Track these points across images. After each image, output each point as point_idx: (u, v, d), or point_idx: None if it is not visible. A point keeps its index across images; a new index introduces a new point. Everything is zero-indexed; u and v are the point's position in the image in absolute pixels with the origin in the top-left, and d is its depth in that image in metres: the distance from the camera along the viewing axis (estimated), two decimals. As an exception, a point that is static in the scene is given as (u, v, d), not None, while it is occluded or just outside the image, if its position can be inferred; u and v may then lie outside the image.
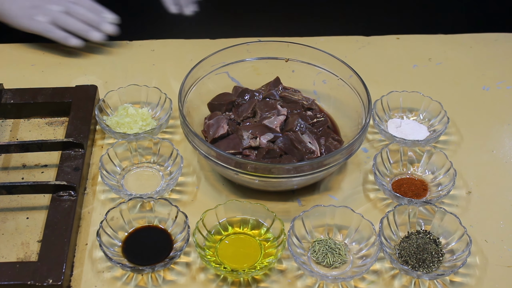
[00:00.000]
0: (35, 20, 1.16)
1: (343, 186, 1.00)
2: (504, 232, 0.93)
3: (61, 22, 1.16)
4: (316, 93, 1.11)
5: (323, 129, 1.01)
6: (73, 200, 0.91)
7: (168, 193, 0.97)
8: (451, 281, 0.87)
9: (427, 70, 1.22)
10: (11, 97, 1.07)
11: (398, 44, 1.27)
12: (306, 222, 0.90)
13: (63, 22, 1.16)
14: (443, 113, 1.07)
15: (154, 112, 1.09)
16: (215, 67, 1.07)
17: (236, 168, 0.90)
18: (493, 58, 1.25)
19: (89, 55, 1.22)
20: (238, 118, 1.03)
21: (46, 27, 1.16)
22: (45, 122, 1.09)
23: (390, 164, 1.00)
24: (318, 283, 0.86)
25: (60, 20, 1.16)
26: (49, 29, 1.16)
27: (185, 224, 0.88)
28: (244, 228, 0.92)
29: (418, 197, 0.96)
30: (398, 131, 1.07)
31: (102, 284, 0.86)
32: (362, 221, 0.90)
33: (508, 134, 1.09)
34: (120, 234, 0.90)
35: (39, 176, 0.99)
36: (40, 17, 1.16)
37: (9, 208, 0.94)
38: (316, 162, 0.89)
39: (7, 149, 0.98)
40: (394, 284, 0.87)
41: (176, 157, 0.98)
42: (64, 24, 1.17)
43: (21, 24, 1.17)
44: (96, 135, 1.06)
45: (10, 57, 1.22)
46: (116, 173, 0.98)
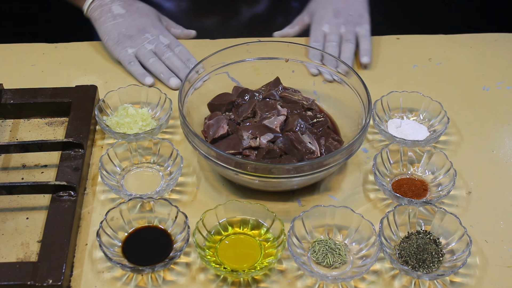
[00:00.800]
0: (124, 50, 1.16)
1: (343, 186, 1.00)
2: (504, 232, 0.93)
3: (147, 63, 1.16)
4: (316, 93, 1.11)
5: (323, 129, 1.01)
6: (73, 200, 0.91)
7: (168, 193, 0.97)
8: (451, 281, 0.87)
9: (427, 70, 1.22)
10: (11, 97, 1.07)
11: (398, 44, 1.27)
12: (306, 222, 0.90)
13: (149, 64, 1.15)
14: (443, 113, 1.07)
15: (154, 112, 1.09)
16: (215, 67, 1.07)
17: (236, 168, 0.90)
18: (493, 58, 1.25)
19: (89, 55, 1.22)
20: (238, 118, 1.03)
21: (131, 59, 1.16)
22: (45, 122, 1.09)
23: (390, 164, 1.00)
24: (318, 283, 0.86)
25: (147, 61, 1.15)
26: (132, 62, 1.16)
27: (185, 224, 0.88)
28: (244, 229, 0.92)
29: (418, 197, 0.96)
30: (398, 131, 1.07)
31: (102, 284, 0.86)
32: (362, 221, 0.90)
33: (508, 134, 1.09)
34: (120, 234, 0.89)
35: (39, 176, 0.99)
36: (129, 50, 1.16)
37: (9, 208, 0.94)
38: (316, 162, 0.89)
39: (7, 149, 0.98)
40: (394, 284, 0.86)
41: (176, 157, 0.98)
42: (150, 66, 1.16)
43: (110, 47, 1.17)
44: (96, 135, 1.06)
45: (10, 57, 1.22)
46: (116, 173, 0.98)
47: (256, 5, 1.35)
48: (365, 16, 1.23)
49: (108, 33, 1.17)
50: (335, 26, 1.21)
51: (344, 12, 1.22)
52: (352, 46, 1.19)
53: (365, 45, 1.20)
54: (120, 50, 1.16)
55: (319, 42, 1.20)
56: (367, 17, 1.23)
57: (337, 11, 1.22)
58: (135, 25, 1.17)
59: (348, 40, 1.20)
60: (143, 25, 1.18)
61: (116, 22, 1.16)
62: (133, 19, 1.18)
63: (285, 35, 1.27)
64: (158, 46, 1.16)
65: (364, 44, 1.20)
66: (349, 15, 1.21)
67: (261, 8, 1.36)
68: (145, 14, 1.19)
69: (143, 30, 1.17)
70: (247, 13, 1.36)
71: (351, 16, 1.21)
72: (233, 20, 1.36)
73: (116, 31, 1.17)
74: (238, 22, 1.36)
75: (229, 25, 1.36)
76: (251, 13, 1.36)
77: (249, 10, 1.35)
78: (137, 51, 1.16)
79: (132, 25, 1.17)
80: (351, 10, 1.22)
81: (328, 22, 1.22)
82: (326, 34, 1.21)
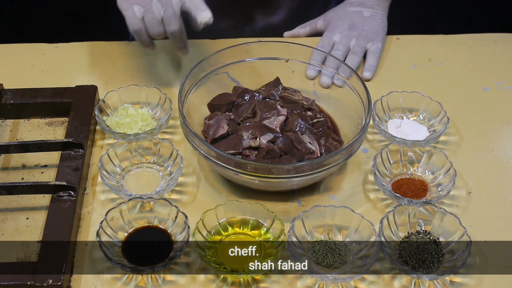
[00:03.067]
0: (132, 8, 1.01)
1: (343, 187, 1.00)
2: (504, 232, 0.93)
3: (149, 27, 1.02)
4: (316, 93, 1.11)
5: (323, 129, 1.01)
6: (73, 200, 0.91)
7: (168, 193, 0.97)
8: (451, 281, 0.87)
9: (427, 70, 1.22)
10: (11, 97, 1.07)
11: (398, 44, 1.27)
12: (306, 223, 0.90)
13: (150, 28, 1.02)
14: (443, 113, 1.07)
15: (154, 112, 1.09)
16: (215, 67, 1.07)
17: (236, 169, 0.90)
18: (493, 58, 1.25)
19: (89, 55, 1.22)
20: (238, 118, 1.03)
21: (137, 21, 1.01)
22: (45, 122, 1.09)
23: (390, 165, 1.00)
24: (318, 283, 0.86)
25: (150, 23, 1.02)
26: (138, 25, 1.02)
27: (185, 224, 0.88)
28: (244, 229, 0.92)
29: (418, 197, 0.96)
30: (398, 131, 1.07)
31: (102, 284, 0.86)
32: (362, 221, 0.90)
33: (508, 134, 1.09)
34: (120, 235, 0.89)
35: (39, 176, 0.99)
36: (136, 8, 1.01)
37: (9, 208, 0.94)
38: (316, 163, 0.89)
39: (7, 149, 0.98)
40: (394, 284, 0.87)
41: (176, 158, 0.98)
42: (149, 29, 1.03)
43: (119, 1, 1.03)
44: (96, 136, 1.06)
45: (10, 57, 1.21)
46: (116, 173, 0.98)
47: (272, 16, 1.34)
48: (380, 34, 1.22)
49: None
50: (347, 37, 1.20)
51: (360, 27, 1.21)
52: (357, 59, 1.18)
53: (371, 61, 1.19)
54: (128, 7, 1.02)
55: (325, 49, 1.20)
56: (382, 36, 1.22)
57: (353, 25, 1.21)
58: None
59: (355, 53, 1.19)
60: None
61: None
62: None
63: (295, 35, 1.27)
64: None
65: (370, 60, 1.19)
66: (364, 30, 1.20)
67: (277, 19, 1.35)
68: None
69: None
70: (262, 22, 1.35)
71: (365, 31, 1.20)
72: (247, 26, 1.36)
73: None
74: (251, 29, 1.36)
75: (242, 31, 1.36)
76: (266, 22, 1.35)
77: (264, 20, 1.35)
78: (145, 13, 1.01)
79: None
80: (367, 26, 1.21)
81: (341, 33, 1.21)
82: (335, 43, 1.20)
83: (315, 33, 1.27)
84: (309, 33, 1.27)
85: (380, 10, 1.24)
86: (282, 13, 1.34)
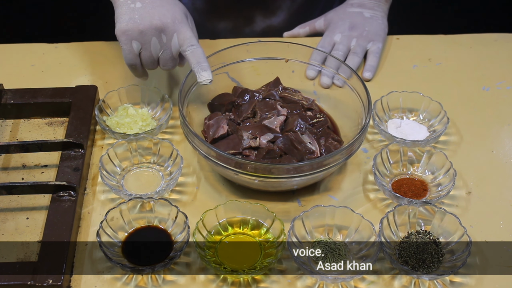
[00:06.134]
0: (130, 43, 0.99)
1: (343, 186, 1.00)
2: (504, 232, 0.93)
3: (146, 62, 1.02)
4: (316, 93, 1.11)
5: (323, 129, 1.01)
6: (73, 200, 0.91)
7: (168, 193, 0.97)
8: (451, 281, 0.87)
9: (427, 70, 1.22)
10: (11, 97, 1.07)
11: (398, 44, 1.27)
12: (306, 223, 0.90)
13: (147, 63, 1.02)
14: (443, 113, 1.07)
15: (154, 112, 1.09)
16: (215, 67, 1.07)
17: (236, 168, 0.90)
18: (493, 58, 1.25)
19: (89, 55, 1.22)
20: (238, 118, 1.03)
21: (133, 57, 1.00)
22: (45, 122, 1.09)
23: (390, 165, 1.00)
24: (318, 283, 0.86)
25: (147, 61, 1.02)
26: (134, 60, 1.01)
27: (185, 224, 0.88)
28: (244, 229, 0.92)
29: (418, 197, 0.96)
30: (398, 131, 1.07)
31: (102, 284, 0.86)
32: (362, 221, 0.90)
33: (508, 134, 1.09)
34: (120, 234, 0.90)
35: (39, 176, 0.99)
36: (134, 44, 0.99)
37: (9, 208, 0.94)
38: (316, 162, 0.89)
39: (7, 149, 0.98)
40: (394, 284, 0.87)
41: (176, 158, 0.98)
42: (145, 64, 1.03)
43: (117, 32, 0.99)
44: (96, 136, 1.06)
45: (10, 57, 1.22)
46: (116, 173, 0.98)
47: (272, 17, 1.34)
48: (380, 35, 1.21)
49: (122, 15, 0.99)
50: (347, 37, 1.20)
51: (361, 27, 1.21)
52: (358, 59, 1.18)
53: (372, 61, 1.19)
54: (126, 42, 0.99)
55: (326, 49, 1.20)
56: (383, 37, 1.22)
57: (354, 25, 1.21)
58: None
59: (355, 53, 1.18)
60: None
61: None
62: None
63: (295, 35, 1.27)
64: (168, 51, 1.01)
65: (371, 61, 1.19)
66: (365, 30, 1.20)
67: (277, 21, 1.35)
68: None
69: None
70: (262, 24, 1.35)
71: (366, 32, 1.20)
72: (246, 27, 1.36)
73: (128, 16, 0.99)
74: (251, 30, 1.36)
75: (242, 32, 1.36)
76: (265, 24, 1.35)
77: (264, 21, 1.35)
78: (142, 50, 1.00)
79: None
80: (368, 27, 1.21)
81: (341, 33, 1.21)
82: (335, 43, 1.20)
83: (315, 33, 1.27)
84: (309, 33, 1.27)
85: (380, 11, 1.24)
86: (282, 14, 1.34)
